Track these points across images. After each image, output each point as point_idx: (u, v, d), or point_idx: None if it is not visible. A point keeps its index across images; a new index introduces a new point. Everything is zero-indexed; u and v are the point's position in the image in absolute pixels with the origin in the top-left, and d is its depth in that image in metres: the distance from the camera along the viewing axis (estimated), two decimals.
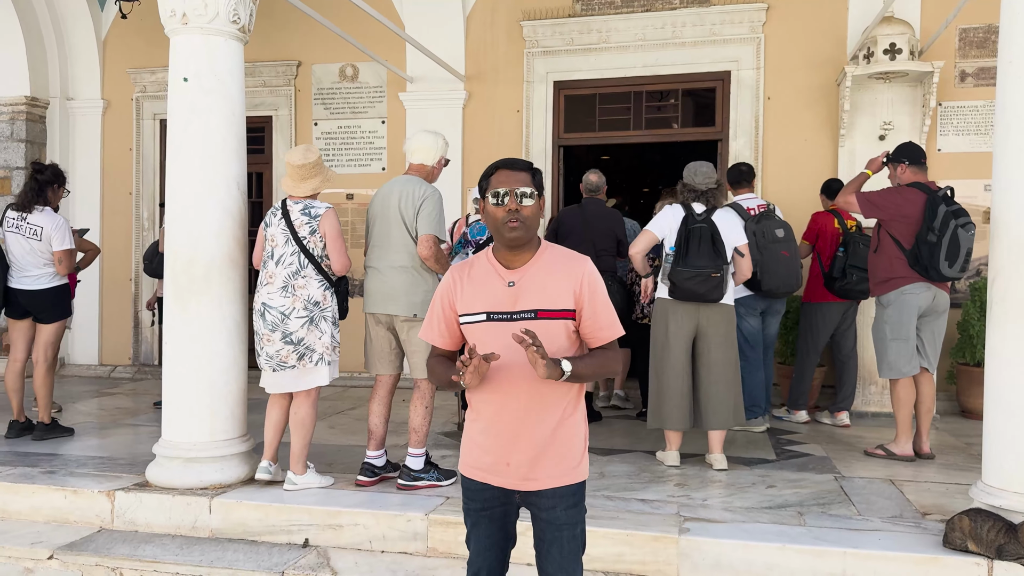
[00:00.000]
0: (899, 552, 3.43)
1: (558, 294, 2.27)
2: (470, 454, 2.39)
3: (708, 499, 4.14)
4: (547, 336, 2.23)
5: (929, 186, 4.93)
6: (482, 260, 2.36)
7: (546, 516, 2.32)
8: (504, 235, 2.25)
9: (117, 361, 8.87)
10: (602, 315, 2.31)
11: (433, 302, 2.41)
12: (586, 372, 2.24)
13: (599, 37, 7.56)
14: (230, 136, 4.43)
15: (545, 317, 2.25)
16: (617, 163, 12.47)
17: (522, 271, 2.29)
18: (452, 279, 2.36)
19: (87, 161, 8.85)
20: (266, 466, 4.37)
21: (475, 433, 2.37)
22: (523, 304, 2.26)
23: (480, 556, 2.42)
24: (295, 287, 4.23)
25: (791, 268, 5.65)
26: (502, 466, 2.31)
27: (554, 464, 2.30)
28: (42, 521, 4.32)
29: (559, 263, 2.31)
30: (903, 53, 6.48)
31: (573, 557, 2.34)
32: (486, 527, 2.40)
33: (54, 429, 5.57)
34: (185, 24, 4.31)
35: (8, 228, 5.48)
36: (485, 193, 2.30)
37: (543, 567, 2.37)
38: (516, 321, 2.25)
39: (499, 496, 2.36)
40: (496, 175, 2.29)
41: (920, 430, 5.09)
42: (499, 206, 2.24)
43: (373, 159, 8.14)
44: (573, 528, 2.33)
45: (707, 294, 4.68)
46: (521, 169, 2.29)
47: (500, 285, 2.28)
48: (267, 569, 3.68)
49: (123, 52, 8.78)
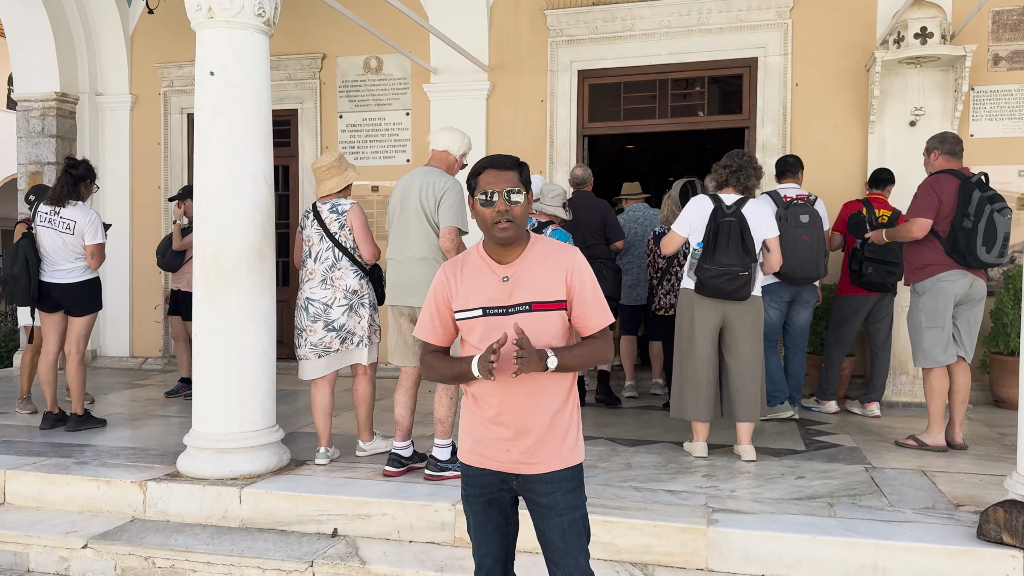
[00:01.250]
0: (932, 544, 3.38)
1: (550, 286, 2.31)
2: (469, 440, 2.42)
3: (737, 490, 4.11)
4: (542, 327, 2.30)
5: (962, 172, 4.84)
6: (473, 256, 2.40)
7: (545, 501, 2.35)
8: (495, 235, 2.29)
9: (148, 353, 8.99)
10: (591, 304, 2.35)
11: (427, 300, 2.44)
12: (574, 362, 2.30)
13: (624, 25, 7.50)
14: (256, 129, 4.46)
15: (539, 309, 2.30)
16: (643, 152, 12.40)
17: (515, 265, 2.33)
18: (445, 276, 2.39)
19: (116, 156, 8.95)
20: (323, 451, 4.68)
21: (473, 421, 2.41)
22: (518, 298, 2.30)
23: (483, 544, 2.46)
24: (333, 279, 4.57)
25: (809, 254, 5.58)
26: (500, 452, 2.35)
27: (550, 448, 2.34)
28: (76, 511, 4.39)
29: (550, 255, 2.36)
30: (934, 37, 6.35)
31: (576, 541, 2.36)
32: (484, 512, 2.43)
33: (87, 420, 5.65)
34: (211, 18, 4.33)
35: (41, 223, 5.56)
36: (474, 192, 2.33)
37: (549, 556, 2.39)
38: (512, 315, 2.29)
39: (496, 482, 2.40)
40: (484, 175, 2.31)
41: (953, 420, 5.02)
42: (488, 206, 2.27)
43: (397, 151, 8.15)
44: (572, 512, 2.36)
45: (734, 293, 4.58)
46: (509, 168, 2.31)
47: (494, 280, 2.33)
48: (296, 558, 3.71)
49: (150, 47, 8.87)
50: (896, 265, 5.70)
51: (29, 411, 6.24)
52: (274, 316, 4.61)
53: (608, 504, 3.84)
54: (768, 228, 4.75)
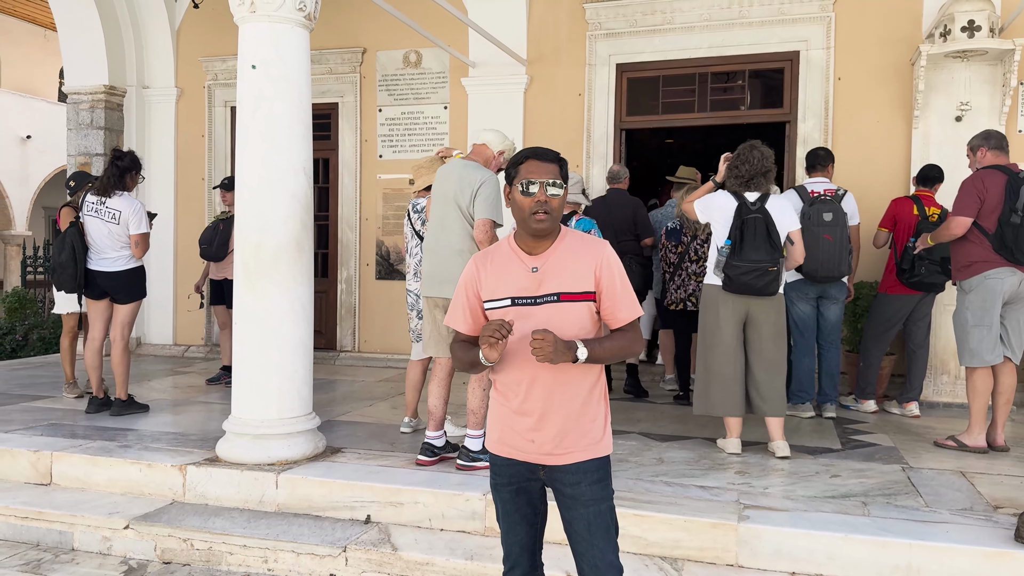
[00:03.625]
0: (968, 545, 3.33)
1: (579, 277, 2.33)
2: (496, 430, 2.45)
3: (769, 487, 4.09)
4: (570, 318, 2.31)
5: (1009, 168, 4.74)
6: (503, 247, 2.42)
7: (571, 492, 2.37)
8: (531, 225, 2.30)
9: (190, 341, 9.19)
10: (621, 297, 2.36)
11: (457, 290, 2.47)
12: (603, 355, 2.32)
13: (663, 18, 7.45)
14: (296, 122, 4.53)
15: (568, 300, 2.32)
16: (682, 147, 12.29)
17: (544, 256, 2.35)
18: (475, 267, 2.43)
19: (161, 147, 9.15)
20: (407, 421, 5.25)
21: (502, 411, 2.43)
22: (546, 288, 2.32)
23: (511, 532, 2.47)
24: (420, 272, 4.91)
25: (831, 253, 5.51)
26: (526, 443, 2.37)
27: (577, 440, 2.36)
28: (119, 492, 4.51)
29: (579, 248, 2.37)
30: (982, 30, 6.21)
31: (603, 533, 2.36)
32: (512, 501, 2.45)
33: (130, 405, 5.80)
34: (253, 12, 4.41)
35: (88, 212, 5.71)
36: (512, 181, 2.34)
37: (575, 548, 2.40)
38: (540, 305, 2.31)
39: (524, 471, 2.41)
40: (526, 164, 2.32)
41: (996, 421, 4.92)
42: (527, 196, 2.29)
43: (435, 144, 8.18)
44: (598, 504, 2.37)
45: (763, 288, 4.61)
46: (550, 160, 2.33)
47: (523, 271, 2.34)
48: (330, 543, 3.78)
49: (195, 41, 9.04)
50: (947, 264, 5.59)
51: (75, 395, 6.42)
52: (312, 306, 4.69)
53: (639, 498, 3.84)
54: (791, 222, 4.79)
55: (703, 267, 6.05)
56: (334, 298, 8.67)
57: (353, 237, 8.55)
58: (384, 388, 7.05)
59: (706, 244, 6.06)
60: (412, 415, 5.28)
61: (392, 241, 8.38)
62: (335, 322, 8.67)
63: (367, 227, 8.52)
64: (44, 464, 4.67)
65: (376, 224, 8.47)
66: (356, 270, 8.55)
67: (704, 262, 6.05)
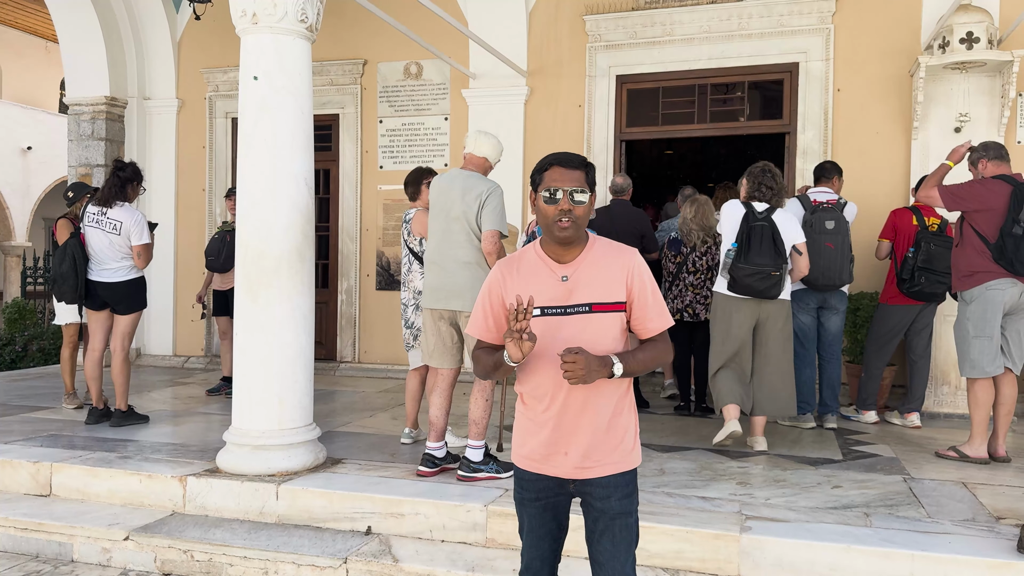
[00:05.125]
0: (970, 556, 3.32)
1: (610, 287, 2.28)
2: (525, 445, 2.38)
3: (771, 498, 4.08)
4: (601, 329, 2.26)
5: (1015, 178, 4.76)
6: (530, 254, 2.35)
7: (600, 505, 2.33)
8: (555, 233, 2.25)
9: (190, 352, 9.18)
10: (652, 306, 2.32)
11: (481, 297, 2.39)
12: (637, 367, 2.28)
13: (663, 30, 7.48)
14: (298, 132, 4.54)
15: (599, 311, 2.26)
16: (682, 158, 12.34)
17: (574, 265, 2.29)
18: (501, 274, 2.35)
19: (163, 158, 9.17)
20: (408, 431, 5.26)
21: (530, 424, 2.36)
22: (577, 298, 2.26)
23: (533, 547, 2.42)
24: (408, 281, 5.11)
25: (833, 261, 5.59)
26: (559, 456, 2.31)
27: (609, 453, 2.31)
28: (119, 504, 4.50)
29: (610, 256, 2.32)
30: (981, 42, 6.24)
31: (625, 547, 2.34)
32: (539, 517, 2.39)
33: (130, 416, 5.79)
34: (255, 23, 4.43)
35: (89, 223, 5.72)
36: (538, 188, 2.29)
37: (595, 557, 2.38)
38: (570, 315, 2.25)
39: (553, 486, 2.36)
40: (550, 171, 2.27)
41: (997, 432, 4.91)
42: (551, 204, 2.24)
43: (436, 155, 8.21)
44: (626, 518, 2.34)
45: (766, 291, 4.90)
46: (576, 167, 2.27)
47: (553, 280, 2.28)
48: (331, 555, 3.77)
49: (197, 52, 9.07)
50: (947, 275, 5.60)
51: (75, 406, 6.41)
52: (312, 316, 4.69)
53: (641, 509, 3.78)
54: (797, 234, 5.10)
55: (700, 279, 6.10)
56: (334, 308, 8.67)
57: (354, 248, 8.56)
58: (384, 399, 7.04)
59: (704, 257, 6.11)
60: (412, 426, 5.28)
61: (392, 252, 8.39)
62: (335, 333, 8.66)
63: (368, 238, 8.53)
64: (44, 475, 4.66)
65: (376, 235, 8.48)
66: (356, 281, 8.55)
67: (701, 275, 6.11)
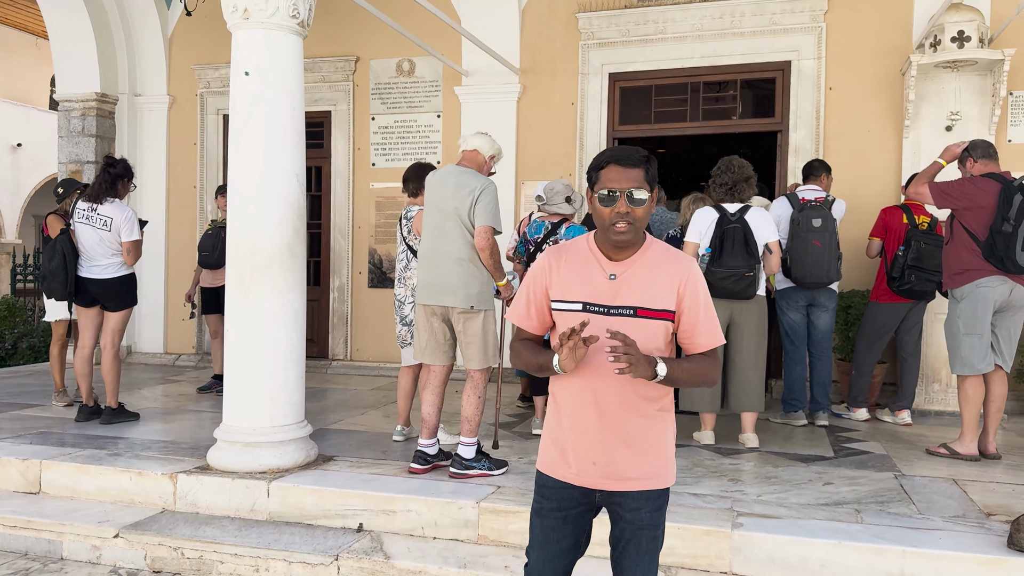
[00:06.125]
0: (961, 552, 3.34)
1: (660, 293, 2.16)
2: (552, 451, 2.27)
3: (763, 495, 4.08)
4: (644, 335, 2.13)
5: (1003, 176, 4.77)
6: (581, 246, 2.24)
7: (629, 516, 2.22)
8: (611, 237, 2.13)
9: (181, 350, 9.14)
10: (704, 320, 2.21)
11: (525, 284, 2.28)
12: (682, 377, 2.15)
13: (656, 28, 7.48)
14: (290, 128, 4.52)
15: (644, 316, 2.15)
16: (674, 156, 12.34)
17: (625, 265, 2.17)
18: (548, 262, 2.23)
19: (153, 155, 9.12)
20: (400, 429, 5.25)
21: (560, 429, 2.25)
22: (623, 299, 2.15)
23: (547, 562, 2.27)
24: (405, 279, 5.09)
25: (820, 259, 5.61)
26: (587, 465, 2.20)
27: (644, 465, 2.20)
28: (109, 501, 4.48)
29: (664, 261, 2.20)
30: (972, 41, 6.26)
31: (650, 557, 2.24)
32: (557, 528, 2.26)
33: (120, 413, 5.76)
34: (247, 19, 4.41)
35: (79, 219, 5.69)
36: (594, 187, 2.16)
37: (618, 564, 2.28)
38: (613, 316, 2.14)
39: (578, 496, 2.24)
40: (607, 170, 2.13)
41: (987, 429, 4.93)
42: (608, 205, 2.11)
43: (428, 153, 8.19)
44: (655, 530, 2.24)
45: (741, 292, 4.99)
46: (634, 164, 2.12)
47: (601, 276, 2.17)
48: (322, 552, 3.75)
49: (188, 49, 9.03)
50: (937, 273, 5.63)
51: (64, 403, 6.37)
52: (304, 313, 4.67)
53: None
54: (770, 233, 5.14)
55: None
56: (326, 306, 8.65)
57: (346, 245, 8.53)
58: (376, 396, 7.02)
59: None
60: (404, 423, 5.26)
61: (385, 249, 8.37)
62: (327, 330, 8.64)
63: (360, 235, 8.50)
64: (33, 473, 4.63)
65: (369, 232, 8.46)
66: (348, 278, 8.53)
67: None
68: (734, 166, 5.17)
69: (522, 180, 7.81)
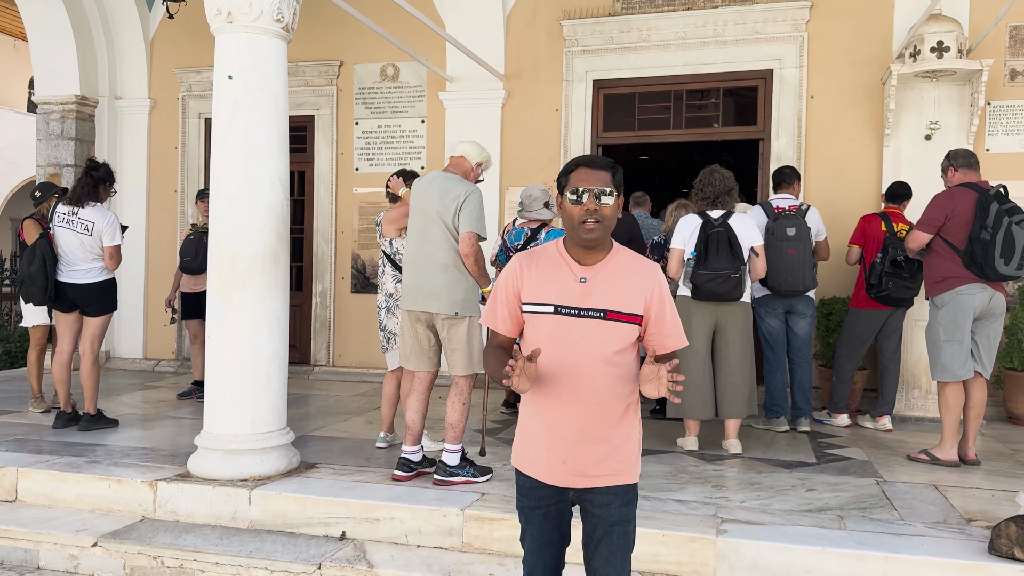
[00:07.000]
0: (943, 558, 3.36)
1: (629, 297, 2.26)
2: (526, 450, 2.37)
3: (746, 501, 4.09)
4: (613, 337, 2.24)
5: (980, 185, 4.83)
6: (551, 251, 2.33)
7: (600, 512, 2.31)
8: (580, 235, 2.23)
9: (161, 355, 9.05)
10: (670, 324, 2.31)
11: (497, 287, 2.38)
12: None
13: (639, 36, 7.52)
14: (273, 133, 4.49)
15: (613, 319, 2.24)
16: (657, 163, 12.40)
17: (595, 269, 2.27)
18: (519, 266, 2.32)
19: (134, 159, 9.04)
20: (383, 436, 5.22)
21: (532, 429, 2.34)
22: (593, 302, 2.24)
23: (535, 555, 2.41)
24: (381, 284, 5.13)
25: (796, 267, 5.67)
26: (558, 464, 2.29)
27: (611, 463, 2.29)
28: (87, 509, 4.41)
29: (632, 267, 2.31)
30: (951, 51, 6.34)
31: (622, 554, 2.32)
32: (540, 525, 2.38)
33: (99, 420, 5.69)
34: (230, 22, 4.38)
35: (59, 223, 5.62)
36: (564, 190, 2.27)
37: (591, 564, 2.35)
38: (584, 318, 2.24)
39: (554, 494, 2.34)
40: (576, 172, 2.26)
41: (967, 435, 4.98)
42: (577, 205, 2.22)
43: (412, 158, 8.18)
44: (625, 526, 2.32)
45: (727, 294, 5.03)
46: (602, 168, 2.25)
47: (571, 279, 2.27)
48: (304, 560, 3.72)
49: (170, 52, 8.96)
50: (915, 280, 5.69)
51: (42, 410, 6.29)
52: (287, 319, 4.64)
53: None
54: (754, 237, 5.24)
55: None
56: (309, 311, 8.60)
57: (328, 250, 8.49)
58: (359, 403, 6.98)
59: None
60: (388, 430, 5.23)
61: (368, 254, 8.34)
62: (309, 336, 8.59)
63: (343, 240, 8.47)
64: (9, 480, 4.56)
65: (352, 237, 8.43)
66: (331, 283, 8.49)
67: None
68: (715, 179, 5.21)
69: (506, 186, 7.82)
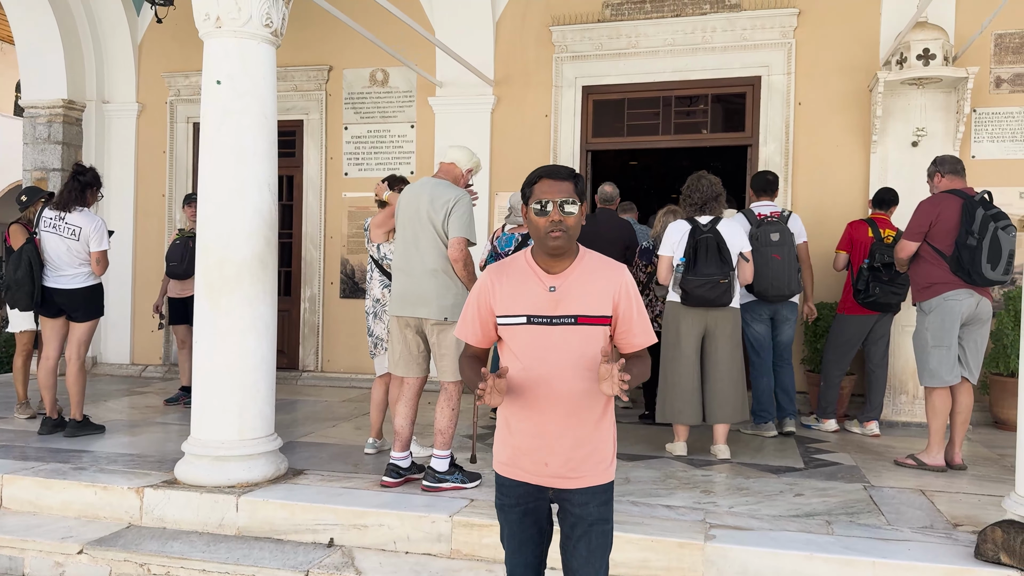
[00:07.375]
0: (929, 563, 3.37)
1: (598, 301, 2.31)
2: (504, 452, 2.41)
3: (735, 506, 4.10)
4: (586, 341, 2.29)
5: (965, 191, 4.87)
6: (520, 262, 2.38)
7: (578, 511, 2.35)
8: (547, 244, 2.28)
9: (148, 360, 9.00)
10: (637, 323, 2.36)
11: (469, 301, 2.43)
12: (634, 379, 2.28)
13: (628, 42, 7.55)
14: (261, 138, 4.48)
15: (585, 323, 2.30)
16: (646, 169, 12.44)
17: (563, 276, 2.32)
18: (489, 280, 2.38)
19: (121, 163, 9.00)
20: (371, 442, 5.21)
21: (511, 433, 2.38)
22: (564, 309, 2.30)
23: (516, 554, 2.45)
24: (369, 289, 5.14)
25: (780, 272, 5.70)
26: (540, 466, 2.34)
27: (590, 464, 2.34)
28: (72, 516, 4.38)
29: (599, 270, 2.35)
30: (937, 59, 6.39)
31: (600, 553, 2.36)
32: (520, 522, 2.41)
33: (85, 426, 5.65)
34: (219, 27, 4.37)
35: (45, 228, 5.58)
36: (528, 201, 2.33)
37: (570, 565, 2.38)
38: (556, 325, 2.29)
39: (533, 492, 2.38)
40: (539, 184, 2.31)
41: (954, 440, 5.01)
42: (542, 215, 2.27)
43: (402, 163, 8.18)
44: (603, 525, 2.36)
45: (717, 299, 5.05)
46: (564, 178, 2.31)
47: (541, 289, 2.31)
48: (292, 568, 3.70)
49: (158, 56, 8.93)
50: (902, 286, 5.73)
51: (27, 416, 6.24)
52: (275, 324, 4.62)
53: None
54: (743, 243, 5.28)
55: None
56: (297, 316, 8.57)
57: (317, 255, 8.47)
58: (348, 408, 6.96)
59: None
60: (376, 436, 5.22)
61: (357, 259, 8.32)
62: (298, 341, 8.56)
63: (332, 245, 8.45)
64: None
65: (341, 242, 8.41)
66: (320, 288, 8.47)
67: None
68: (703, 185, 5.24)
69: (496, 191, 7.82)
